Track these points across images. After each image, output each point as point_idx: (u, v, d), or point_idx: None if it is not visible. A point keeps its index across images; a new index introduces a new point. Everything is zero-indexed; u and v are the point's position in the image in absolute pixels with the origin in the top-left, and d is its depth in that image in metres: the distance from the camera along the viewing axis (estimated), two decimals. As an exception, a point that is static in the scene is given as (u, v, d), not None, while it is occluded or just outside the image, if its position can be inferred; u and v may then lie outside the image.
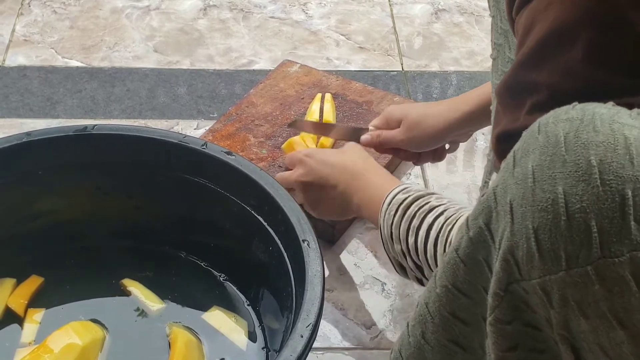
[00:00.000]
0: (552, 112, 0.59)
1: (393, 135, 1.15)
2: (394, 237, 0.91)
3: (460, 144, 1.25)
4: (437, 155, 1.20)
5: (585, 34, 0.62)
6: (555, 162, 0.56)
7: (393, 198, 0.93)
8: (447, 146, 1.21)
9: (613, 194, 0.54)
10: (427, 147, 1.16)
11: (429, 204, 0.89)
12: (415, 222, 0.88)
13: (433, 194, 0.91)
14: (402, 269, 0.94)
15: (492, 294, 0.61)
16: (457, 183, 1.32)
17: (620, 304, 0.55)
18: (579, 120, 0.57)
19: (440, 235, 0.85)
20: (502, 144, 0.68)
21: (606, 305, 0.55)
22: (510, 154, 0.61)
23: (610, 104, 0.58)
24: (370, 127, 1.18)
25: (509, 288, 0.60)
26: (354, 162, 1.04)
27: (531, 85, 0.65)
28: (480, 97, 1.10)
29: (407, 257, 0.91)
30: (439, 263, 0.85)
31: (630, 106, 0.58)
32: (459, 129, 1.13)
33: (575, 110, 0.58)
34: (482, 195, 0.63)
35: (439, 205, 0.88)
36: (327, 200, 1.05)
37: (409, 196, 0.91)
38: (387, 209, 0.93)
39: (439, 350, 0.71)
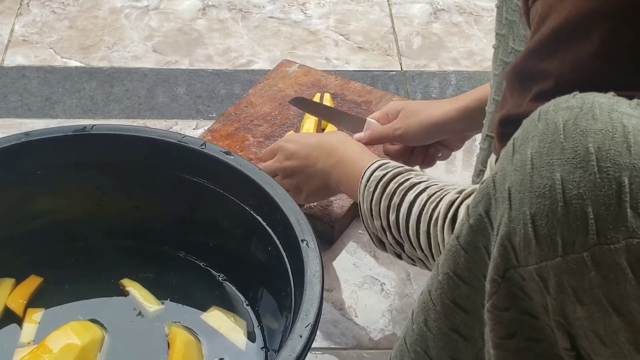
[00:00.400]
0: (552, 101, 0.59)
1: (389, 125, 1.15)
2: (373, 213, 0.92)
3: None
4: (428, 159, 1.19)
5: (601, 27, 0.62)
6: (553, 149, 0.57)
7: (371, 174, 0.93)
8: (439, 154, 1.20)
9: (610, 181, 0.54)
10: (422, 140, 1.16)
11: (409, 180, 0.89)
12: (396, 200, 0.89)
13: (412, 170, 0.92)
14: (381, 244, 0.96)
15: (490, 280, 0.61)
16: (456, 183, 1.32)
17: (616, 291, 0.55)
18: (578, 108, 0.57)
19: (424, 212, 0.85)
20: (504, 127, 0.69)
21: (602, 291, 0.55)
22: (510, 142, 0.61)
23: (610, 94, 0.58)
24: (369, 119, 1.19)
25: (506, 274, 0.60)
26: (329, 139, 1.06)
27: (540, 73, 0.66)
28: (481, 94, 1.10)
29: (387, 233, 0.92)
30: (422, 241, 0.85)
31: (630, 97, 0.58)
32: (455, 124, 1.13)
33: (575, 99, 0.58)
34: (482, 183, 0.63)
35: (420, 182, 0.89)
36: (309, 180, 1.07)
37: (387, 172, 0.92)
38: (366, 185, 0.93)
39: (441, 339, 0.71)
